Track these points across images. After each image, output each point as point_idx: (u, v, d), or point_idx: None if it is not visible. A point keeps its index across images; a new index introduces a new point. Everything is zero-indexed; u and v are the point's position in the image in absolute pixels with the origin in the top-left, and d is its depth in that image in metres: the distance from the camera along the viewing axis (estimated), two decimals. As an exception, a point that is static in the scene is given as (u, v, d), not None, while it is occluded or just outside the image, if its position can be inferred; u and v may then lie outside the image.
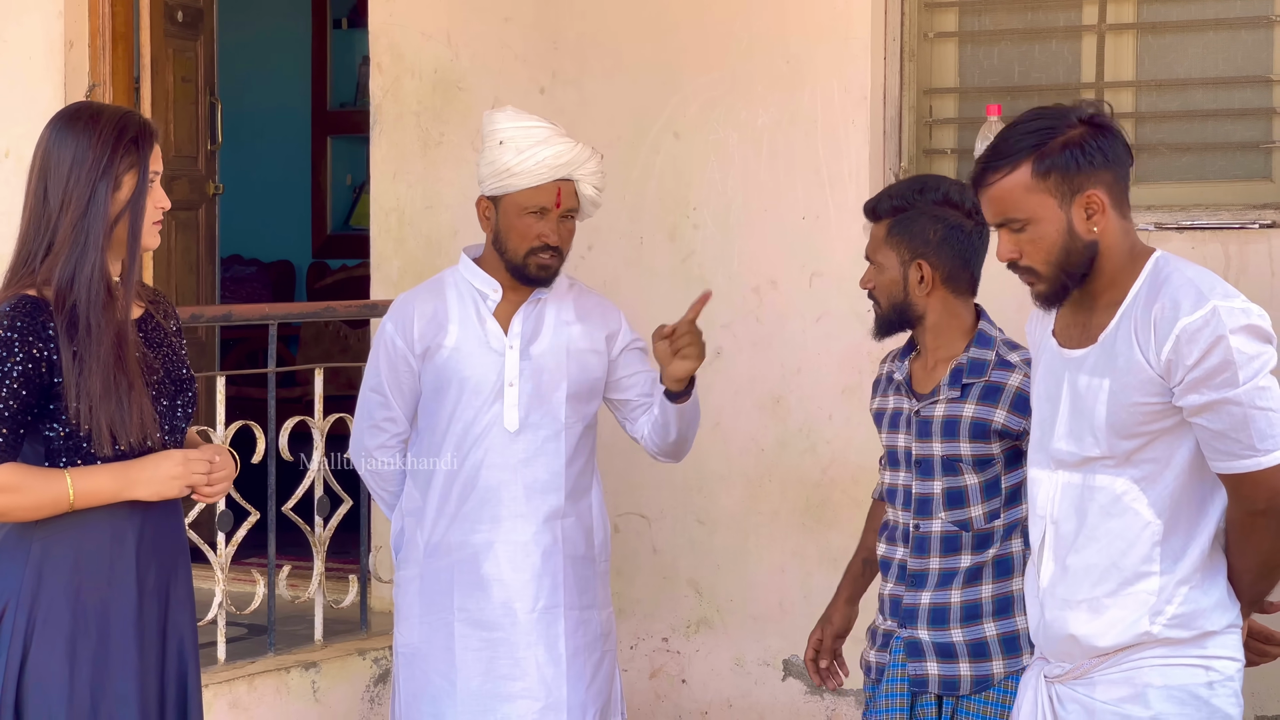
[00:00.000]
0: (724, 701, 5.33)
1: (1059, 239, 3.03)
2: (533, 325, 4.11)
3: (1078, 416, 3.06)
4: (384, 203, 5.84)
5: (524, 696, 4.05)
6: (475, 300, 4.12)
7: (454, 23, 5.69)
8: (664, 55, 5.34)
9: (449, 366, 4.09)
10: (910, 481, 3.68)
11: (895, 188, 3.72)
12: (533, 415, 4.08)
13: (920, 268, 3.63)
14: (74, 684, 3.26)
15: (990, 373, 3.64)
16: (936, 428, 3.64)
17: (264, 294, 9.88)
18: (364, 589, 5.36)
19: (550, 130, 4.07)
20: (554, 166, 4.03)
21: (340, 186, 10.31)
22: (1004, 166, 3.03)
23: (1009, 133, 3.06)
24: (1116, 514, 3.04)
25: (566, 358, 4.11)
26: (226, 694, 4.85)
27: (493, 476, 4.07)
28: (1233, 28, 4.83)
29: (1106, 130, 3.04)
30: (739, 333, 5.22)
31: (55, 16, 6.30)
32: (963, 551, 3.63)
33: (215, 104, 7.07)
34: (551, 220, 4.04)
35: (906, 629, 3.66)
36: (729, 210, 5.27)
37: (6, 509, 3.25)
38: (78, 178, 3.28)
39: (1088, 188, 3.01)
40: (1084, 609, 3.07)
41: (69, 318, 3.24)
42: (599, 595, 4.19)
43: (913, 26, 5.11)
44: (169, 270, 6.78)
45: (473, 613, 4.08)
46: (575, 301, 4.17)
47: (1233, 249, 4.62)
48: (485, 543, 4.08)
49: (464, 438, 4.09)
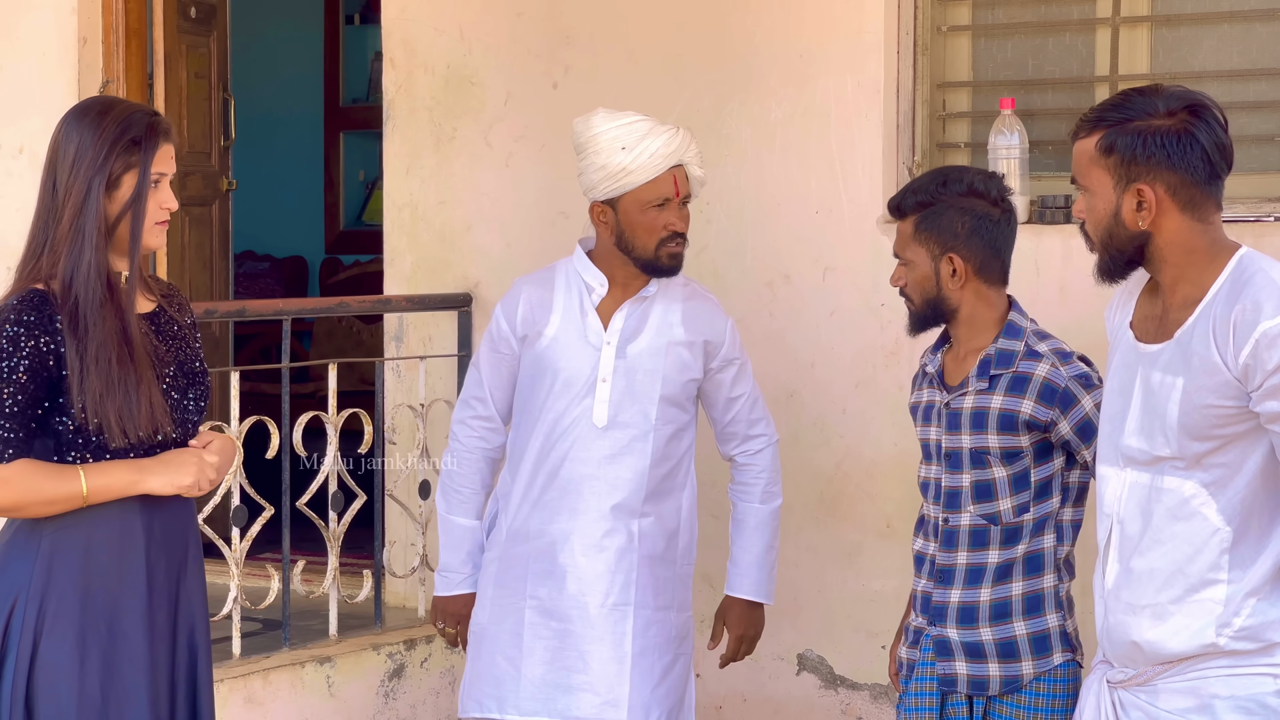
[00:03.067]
0: (738, 695, 5.33)
1: (1105, 218, 3.01)
2: (635, 323, 4.11)
3: (1149, 413, 2.99)
4: (397, 198, 5.85)
5: (585, 690, 4.06)
6: (581, 292, 4.14)
7: (466, 18, 5.69)
8: (677, 50, 5.33)
9: (546, 356, 4.12)
10: (940, 475, 3.67)
11: (918, 182, 3.71)
12: (622, 413, 4.09)
13: (952, 261, 3.62)
14: (84, 677, 3.27)
15: (1018, 363, 3.62)
16: (965, 419, 3.63)
17: (277, 290, 9.88)
18: (378, 584, 5.36)
19: (649, 121, 4.09)
20: (666, 155, 4.05)
21: (353, 182, 10.31)
22: (1086, 129, 3.02)
23: (1117, 99, 3.04)
24: (1184, 517, 2.96)
25: (664, 359, 4.11)
26: (242, 689, 4.86)
27: (576, 470, 4.10)
28: (1248, 20, 4.82)
29: (1188, 133, 2.95)
30: (752, 327, 5.22)
31: (69, 13, 6.31)
32: (990, 546, 3.60)
33: (228, 100, 7.07)
34: (674, 209, 4.07)
35: (936, 627, 3.64)
36: (742, 205, 5.26)
37: (20, 504, 3.25)
38: (77, 174, 3.28)
39: (1143, 180, 2.95)
40: (1148, 615, 2.99)
41: (71, 313, 3.25)
42: (677, 598, 4.19)
43: (926, 20, 5.10)
44: (183, 266, 6.79)
45: (544, 601, 4.11)
46: (685, 303, 4.16)
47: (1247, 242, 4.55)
48: (563, 534, 4.10)
49: (554, 429, 4.11)
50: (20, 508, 3.26)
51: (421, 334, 5.75)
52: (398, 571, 5.48)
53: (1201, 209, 2.97)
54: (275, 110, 9.89)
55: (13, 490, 3.23)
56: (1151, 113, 2.97)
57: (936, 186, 3.65)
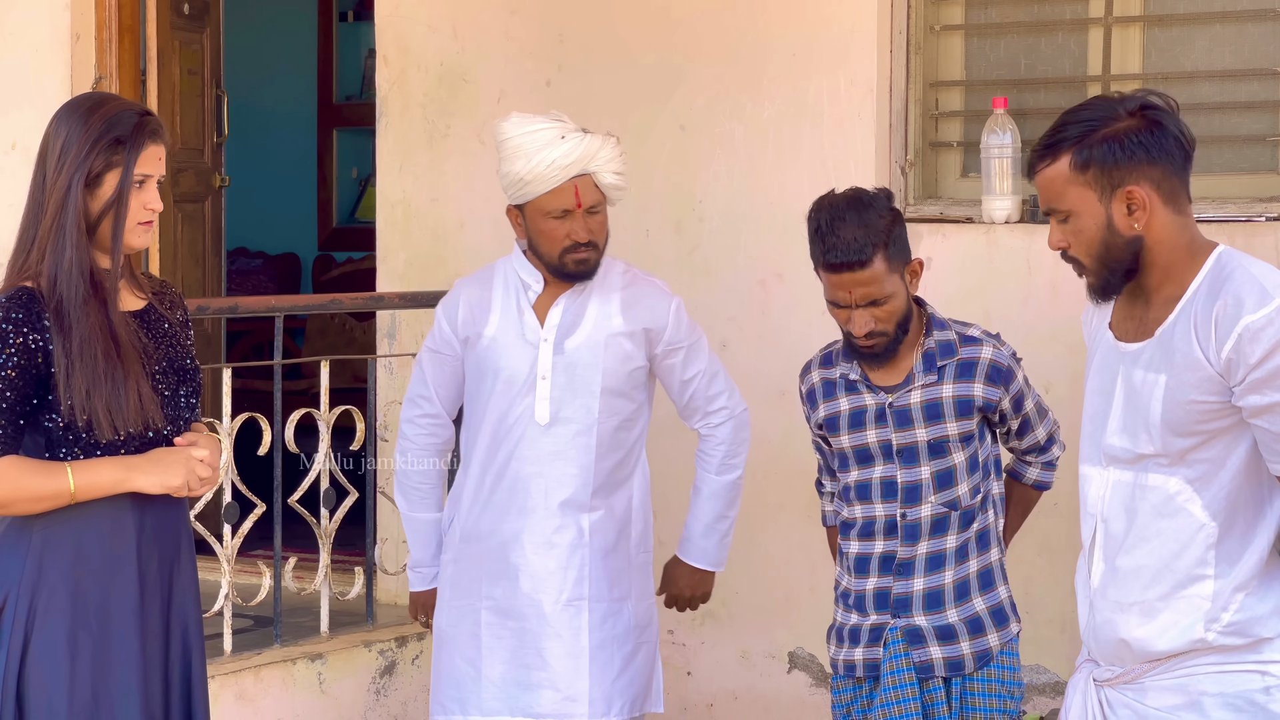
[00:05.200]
0: (729, 694, 5.33)
1: (1099, 234, 2.95)
2: (572, 317, 4.09)
3: (1132, 412, 2.99)
4: (390, 195, 5.85)
5: (546, 687, 4.07)
6: (519, 290, 4.13)
7: (460, 15, 5.69)
8: (670, 48, 5.34)
9: (487, 356, 4.12)
10: (893, 472, 3.75)
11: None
12: (564, 410, 4.08)
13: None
14: (75, 674, 3.27)
15: (960, 350, 3.75)
16: (917, 413, 3.73)
17: (270, 286, 9.88)
18: (370, 581, 5.36)
19: (556, 129, 4.02)
20: (564, 167, 3.99)
21: (346, 179, 10.30)
22: (1048, 156, 2.97)
23: (1061, 120, 2.99)
24: (1169, 514, 2.96)
25: (603, 352, 4.09)
26: (233, 685, 4.86)
27: (522, 468, 4.10)
28: (1240, 20, 4.83)
29: (1156, 124, 2.94)
30: (745, 325, 5.22)
31: (62, 9, 6.30)
32: (949, 531, 3.72)
33: (221, 96, 7.07)
34: (578, 219, 4.02)
35: (901, 618, 3.72)
36: (735, 203, 5.27)
37: (6, 501, 3.25)
38: (60, 170, 3.28)
39: (1129, 183, 2.93)
40: (1136, 612, 2.99)
41: (56, 309, 3.25)
42: (635, 587, 4.18)
43: (919, 19, 5.10)
44: (175, 262, 6.79)
45: (499, 601, 4.12)
46: (623, 292, 4.14)
47: (1239, 242, 4.61)
48: (513, 533, 4.11)
49: (498, 428, 4.12)
50: (6, 504, 3.26)
51: (414, 331, 5.75)
52: (389, 568, 5.48)
53: (1180, 200, 2.98)
54: (268, 107, 9.89)
55: (0, 487, 3.23)
56: (1114, 117, 2.95)
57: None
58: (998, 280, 4.89)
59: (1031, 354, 4.76)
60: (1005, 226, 4.87)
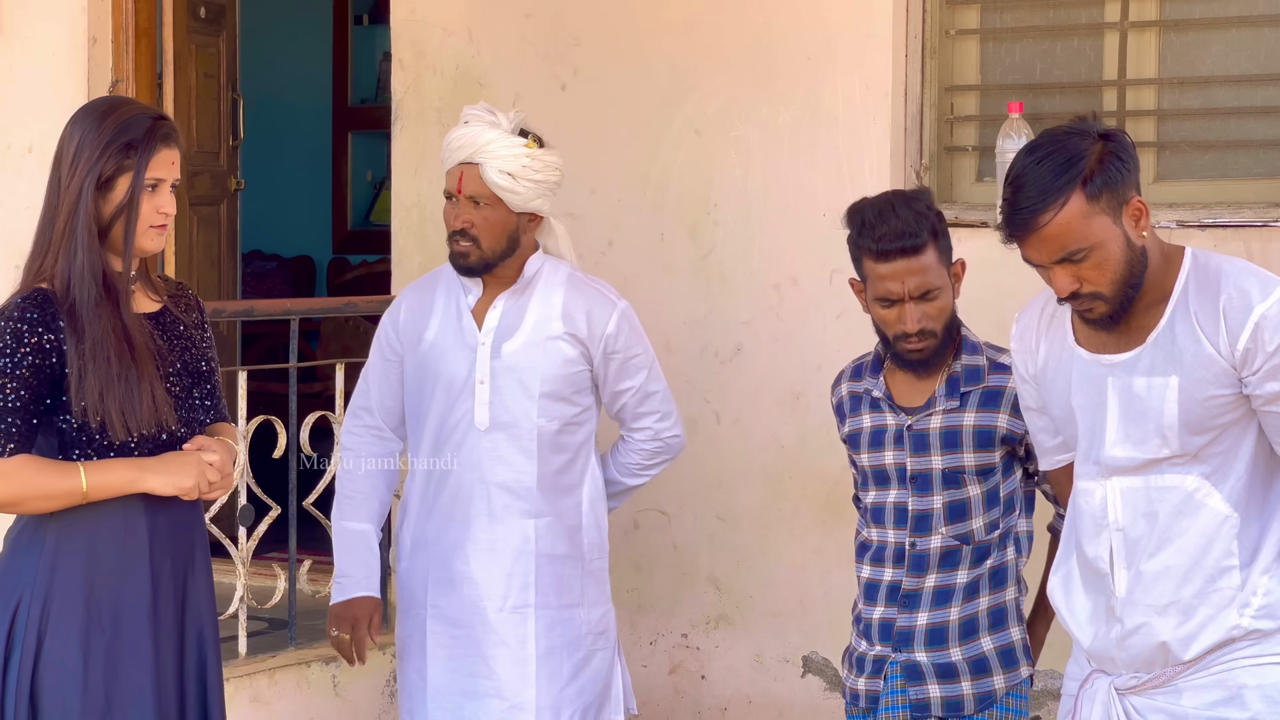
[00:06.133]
0: (743, 698, 5.33)
1: (1122, 254, 2.96)
2: (511, 320, 4.01)
3: (1136, 420, 3.00)
4: (405, 198, 5.85)
5: (491, 695, 4.00)
6: (459, 294, 4.06)
7: (475, 19, 5.70)
8: (685, 52, 5.34)
9: (427, 361, 4.06)
10: (905, 498, 3.59)
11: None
12: (503, 414, 4.00)
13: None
14: (88, 676, 3.28)
15: (987, 377, 3.58)
16: (935, 440, 3.56)
17: (285, 289, 9.90)
18: (384, 584, 5.36)
19: (478, 113, 3.97)
20: (454, 150, 3.95)
21: (361, 182, 10.33)
22: (1053, 204, 2.94)
23: (1035, 171, 2.97)
24: (1190, 512, 2.99)
25: (541, 355, 4.00)
26: (247, 688, 4.87)
27: (464, 474, 4.02)
28: (1256, 25, 4.82)
29: (1117, 136, 3.01)
30: (759, 329, 5.22)
31: (79, 12, 6.32)
32: (960, 566, 3.56)
33: (237, 100, 7.09)
34: (460, 205, 3.94)
35: (902, 652, 3.57)
36: (749, 207, 5.27)
37: (19, 498, 3.25)
38: (74, 173, 3.29)
39: (1130, 195, 2.97)
40: (1174, 613, 3.01)
41: (70, 311, 3.26)
42: (586, 594, 4.08)
43: (934, 23, 5.10)
44: (191, 265, 6.80)
45: (444, 609, 4.05)
46: (565, 295, 4.04)
47: (1255, 246, 4.61)
48: (456, 540, 4.04)
49: (439, 433, 4.05)
50: (19, 502, 3.26)
51: (429, 334, 5.76)
52: (404, 571, 5.48)
53: None
54: (284, 110, 9.91)
55: (12, 485, 3.24)
56: (1089, 145, 2.96)
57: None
58: (1012, 285, 4.87)
59: (1046, 358, 4.76)
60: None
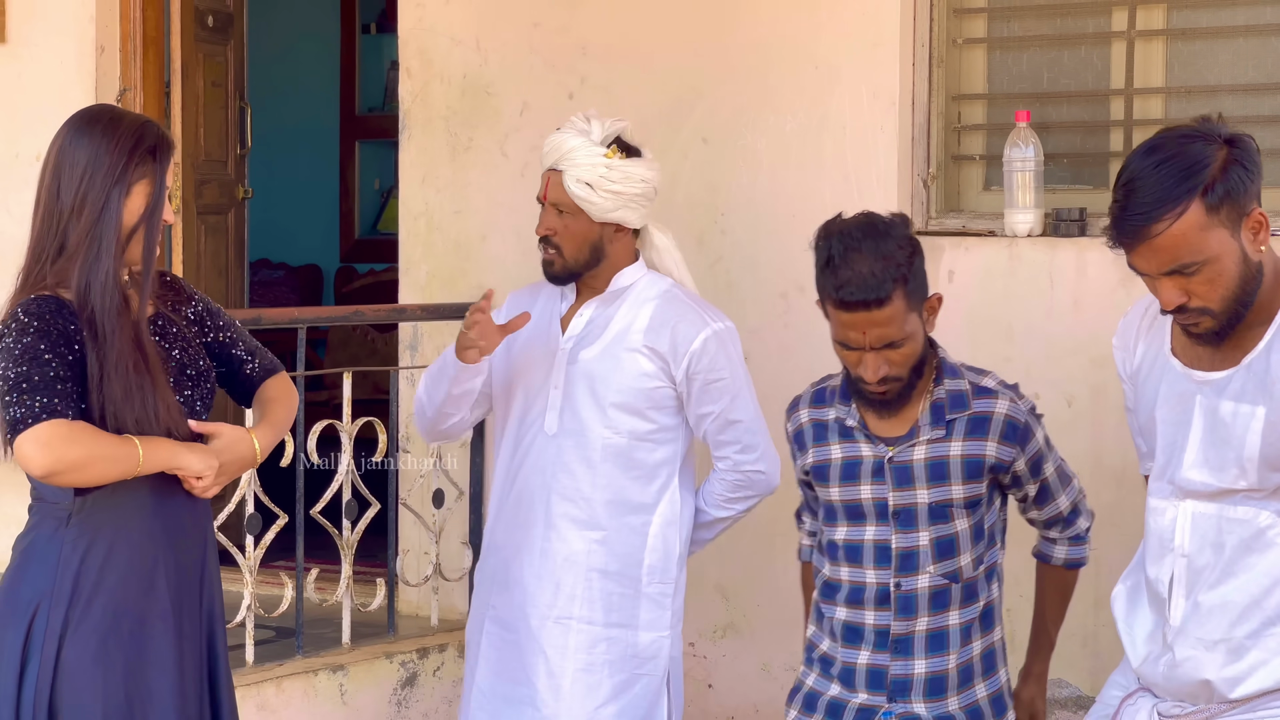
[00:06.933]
0: (750, 707, 5.33)
1: (1237, 269, 2.76)
2: (595, 328, 4.00)
3: (1217, 445, 2.83)
4: (412, 207, 5.86)
5: (526, 704, 4.00)
6: (555, 301, 4.10)
7: (483, 28, 5.70)
8: (693, 61, 5.34)
9: (515, 363, 4.08)
10: (887, 535, 3.36)
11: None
12: (571, 421, 3.98)
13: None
14: (107, 682, 3.28)
15: (972, 403, 3.36)
16: (919, 472, 3.34)
17: (292, 298, 9.91)
18: (391, 593, 5.37)
19: (575, 119, 4.02)
20: (545, 154, 4.01)
21: (368, 191, 10.33)
22: (1169, 212, 2.72)
23: (1152, 176, 2.75)
24: (1259, 549, 2.82)
25: (616, 366, 3.96)
26: (254, 696, 4.87)
27: (531, 479, 4.03)
28: (1263, 34, 4.82)
29: (1242, 142, 2.81)
30: (766, 338, 5.22)
31: (87, 21, 6.33)
32: (951, 607, 3.36)
33: (245, 108, 7.09)
34: (544, 212, 4.00)
35: (898, 703, 3.37)
36: (757, 216, 5.27)
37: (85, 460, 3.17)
38: (92, 182, 3.27)
39: (1251, 206, 2.78)
40: (1222, 650, 2.84)
41: (89, 321, 3.25)
42: (642, 617, 4.00)
43: (941, 32, 5.10)
44: (198, 274, 6.81)
45: (500, 611, 4.09)
46: (656, 308, 3.99)
47: (1262, 256, 4.61)
48: (517, 544, 4.05)
49: (516, 437, 4.08)
50: (84, 465, 3.18)
51: (436, 343, 5.76)
52: (411, 580, 5.48)
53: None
54: (291, 119, 9.92)
55: (80, 448, 3.16)
56: (1213, 150, 2.76)
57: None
58: (1020, 293, 4.89)
59: (1053, 367, 4.76)
60: (1028, 240, 4.86)
